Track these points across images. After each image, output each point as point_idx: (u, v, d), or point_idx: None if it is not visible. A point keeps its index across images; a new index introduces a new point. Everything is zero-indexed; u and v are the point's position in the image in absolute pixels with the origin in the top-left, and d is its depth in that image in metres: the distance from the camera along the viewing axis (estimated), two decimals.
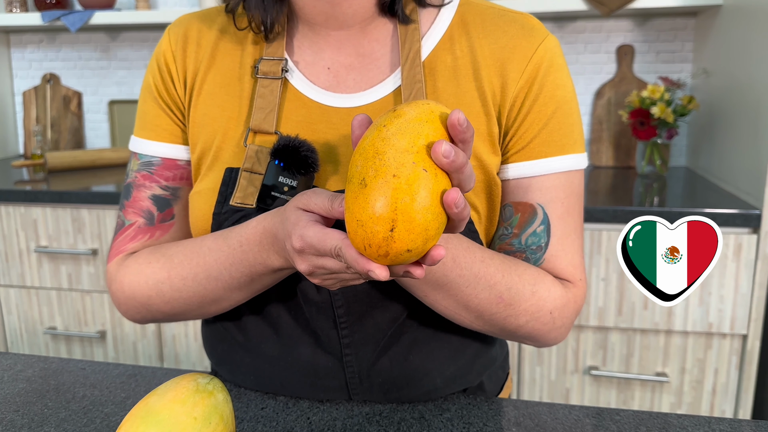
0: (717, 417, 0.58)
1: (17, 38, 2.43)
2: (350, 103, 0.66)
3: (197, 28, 0.70)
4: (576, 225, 0.68)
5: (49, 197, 1.76)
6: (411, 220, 0.42)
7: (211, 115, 0.68)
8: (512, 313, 0.63)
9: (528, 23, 0.67)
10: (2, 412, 0.64)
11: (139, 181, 0.70)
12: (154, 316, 0.69)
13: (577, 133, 0.67)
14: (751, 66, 1.54)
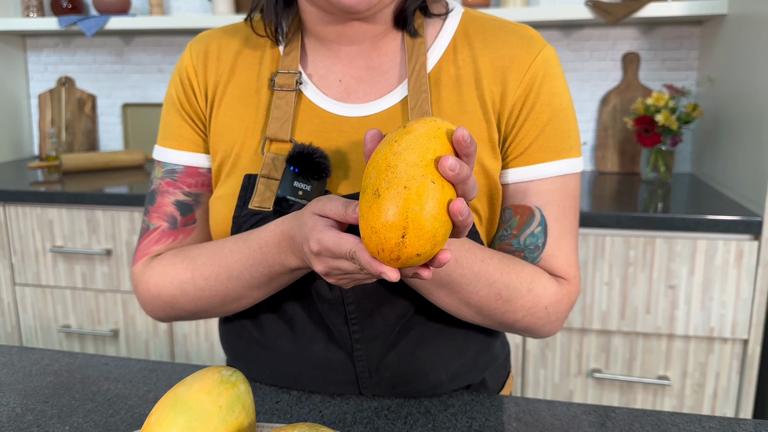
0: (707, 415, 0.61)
1: (33, 42, 2.48)
2: (360, 113, 0.69)
3: (217, 44, 0.74)
4: (571, 225, 0.71)
5: (64, 198, 1.80)
6: (420, 228, 0.45)
7: (230, 125, 0.71)
8: (510, 309, 0.67)
9: (527, 34, 0.70)
10: (33, 403, 0.68)
11: (163, 188, 0.74)
12: (179, 315, 0.73)
13: (573, 138, 0.70)
14: (754, 74, 1.57)
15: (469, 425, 0.63)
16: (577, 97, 2.13)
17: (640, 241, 1.53)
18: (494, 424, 0.63)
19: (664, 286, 1.54)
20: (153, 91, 2.41)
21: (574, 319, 1.59)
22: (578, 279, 0.72)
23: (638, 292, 1.55)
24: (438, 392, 0.73)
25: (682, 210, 1.54)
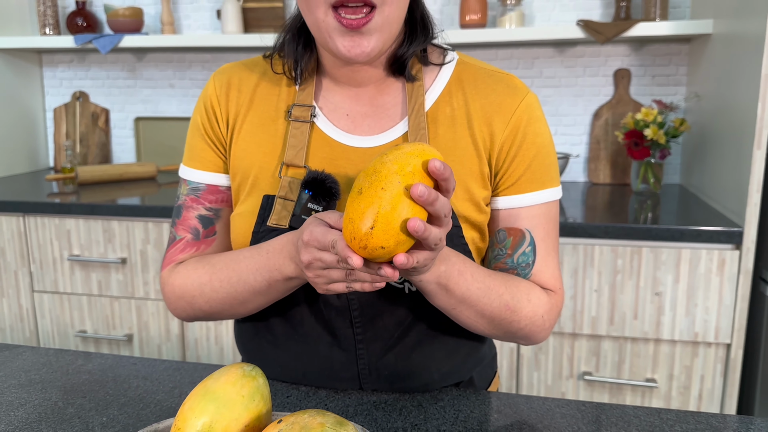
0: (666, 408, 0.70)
1: (49, 58, 2.58)
2: (366, 144, 0.79)
3: (239, 77, 0.84)
4: (554, 244, 0.81)
5: (81, 209, 1.90)
6: (387, 224, 0.55)
7: (249, 150, 0.81)
8: (516, 318, 0.77)
9: (512, 83, 0.81)
10: (72, 398, 0.77)
11: (188, 203, 0.84)
12: (197, 314, 0.82)
13: (553, 170, 0.80)
14: (737, 91, 1.65)
15: (456, 416, 0.72)
16: (570, 111, 2.22)
17: (628, 251, 1.61)
18: (477, 415, 0.72)
19: (650, 293, 1.62)
20: (164, 105, 2.51)
21: (566, 324, 1.68)
22: (562, 291, 0.82)
23: (626, 299, 1.64)
24: (430, 389, 0.82)
25: (669, 220, 1.62)
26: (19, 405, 0.75)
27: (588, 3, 2.14)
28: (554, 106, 2.22)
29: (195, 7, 2.39)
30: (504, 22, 2.04)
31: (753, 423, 0.70)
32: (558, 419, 0.72)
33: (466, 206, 0.78)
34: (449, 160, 0.78)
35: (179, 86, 2.48)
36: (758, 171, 1.54)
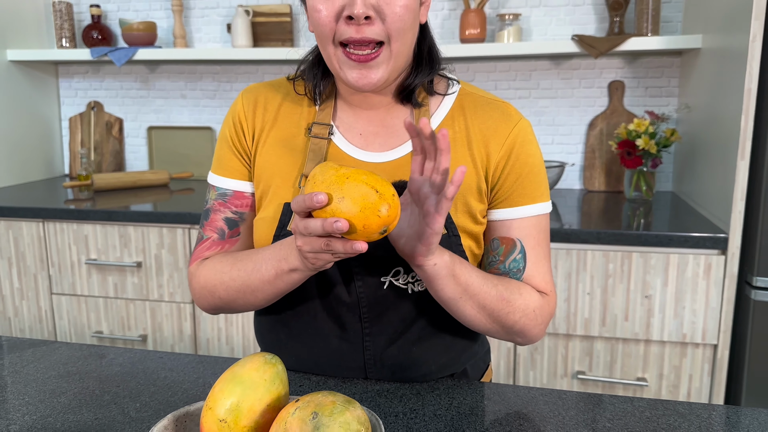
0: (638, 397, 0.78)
1: (65, 69, 2.68)
2: (377, 159, 0.88)
3: (265, 96, 0.93)
4: (545, 252, 0.90)
5: (98, 216, 1.99)
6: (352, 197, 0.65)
7: (271, 162, 0.90)
8: (511, 310, 0.85)
9: (507, 111, 0.90)
10: (108, 387, 0.86)
11: (216, 207, 0.93)
12: (216, 303, 0.90)
13: (543, 187, 0.89)
14: (722, 103, 1.74)
15: (450, 403, 0.80)
16: (566, 122, 2.30)
17: (619, 255, 1.70)
18: (469, 402, 0.80)
19: (640, 296, 1.70)
20: (176, 115, 2.60)
21: (560, 326, 1.76)
22: (554, 293, 0.91)
23: (617, 302, 1.72)
24: (427, 379, 0.90)
25: (658, 227, 1.71)
26: (60, 393, 0.84)
27: (583, 18, 2.23)
28: (551, 117, 2.31)
29: (206, 21, 2.48)
30: (502, 36, 2.13)
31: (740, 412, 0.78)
32: (541, 405, 0.80)
33: (465, 218, 0.87)
34: (450, 177, 0.86)
35: (190, 97, 2.57)
36: (742, 180, 1.62)
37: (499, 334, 0.87)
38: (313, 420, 0.56)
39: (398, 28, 0.79)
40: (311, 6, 0.81)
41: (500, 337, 0.88)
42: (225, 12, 2.46)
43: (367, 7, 0.76)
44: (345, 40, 0.79)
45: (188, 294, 1.98)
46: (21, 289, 2.12)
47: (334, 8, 0.78)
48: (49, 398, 0.83)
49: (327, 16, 0.79)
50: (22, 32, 2.49)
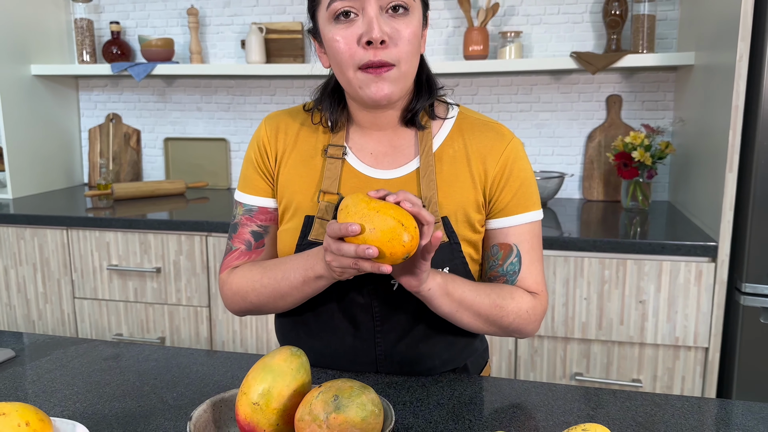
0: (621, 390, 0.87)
1: (85, 83, 2.80)
2: (386, 176, 0.98)
3: (285, 122, 1.03)
4: (538, 255, 1.00)
5: (120, 224, 2.10)
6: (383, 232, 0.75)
7: (292, 180, 1.00)
8: (504, 314, 0.95)
9: (501, 131, 1.00)
10: (146, 379, 0.96)
11: (243, 221, 1.04)
12: (247, 307, 1.01)
13: (535, 197, 0.99)
14: (713, 117, 1.83)
15: (452, 394, 0.90)
16: (566, 134, 2.40)
17: (614, 262, 1.79)
18: (469, 393, 0.90)
19: (635, 301, 1.80)
20: (192, 127, 2.71)
21: (559, 329, 1.85)
22: (546, 293, 1.01)
23: (613, 306, 1.81)
24: (432, 373, 1.00)
25: (652, 235, 1.80)
26: (104, 384, 0.94)
27: (582, 35, 2.33)
28: (551, 129, 2.41)
29: (221, 38, 2.60)
30: (504, 53, 2.24)
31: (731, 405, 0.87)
32: (533, 396, 0.90)
33: (465, 228, 0.97)
34: (451, 191, 0.97)
35: (206, 109, 2.68)
36: (730, 191, 1.71)
37: (497, 334, 0.97)
38: (335, 401, 0.66)
39: (407, 51, 0.90)
40: (330, 39, 0.91)
41: (499, 336, 0.98)
42: (239, 29, 2.57)
43: (383, 33, 0.88)
44: (364, 64, 0.89)
45: (204, 298, 2.09)
46: (45, 293, 2.23)
47: (353, 36, 0.89)
48: (94, 389, 0.93)
49: (346, 44, 0.89)
50: (45, 48, 2.60)
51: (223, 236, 2.03)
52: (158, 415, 0.84)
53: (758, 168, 1.72)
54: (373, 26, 0.87)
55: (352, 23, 0.89)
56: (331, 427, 0.65)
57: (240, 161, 2.69)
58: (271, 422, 0.70)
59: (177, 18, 2.63)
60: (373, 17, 0.87)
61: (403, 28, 0.90)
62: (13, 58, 2.45)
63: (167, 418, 0.84)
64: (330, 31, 0.91)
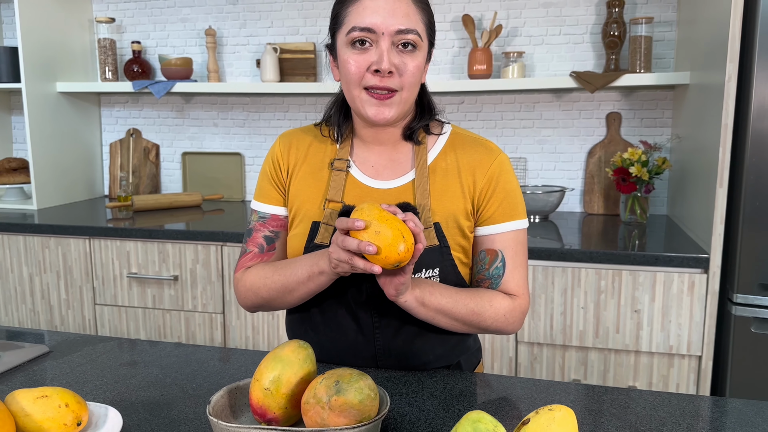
0: (598, 385, 0.95)
1: (107, 99, 2.93)
2: (385, 186, 1.09)
3: (297, 139, 1.15)
4: (521, 261, 1.09)
5: (140, 234, 2.21)
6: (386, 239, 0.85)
7: (302, 190, 1.11)
8: (482, 320, 1.04)
9: (489, 147, 1.10)
10: (168, 372, 1.05)
11: (257, 227, 1.14)
12: (259, 302, 1.11)
13: (520, 207, 1.09)
14: (705, 135, 1.91)
15: (444, 387, 0.99)
16: (567, 150, 2.49)
17: (610, 273, 1.87)
18: (460, 386, 0.99)
19: (630, 310, 1.87)
20: (209, 142, 2.83)
21: (557, 337, 1.93)
22: (527, 295, 1.10)
23: (609, 315, 1.89)
24: (427, 368, 1.09)
25: (647, 247, 1.88)
26: (130, 377, 1.04)
27: (583, 54, 2.42)
28: (553, 145, 2.50)
29: (237, 57, 2.72)
30: (507, 72, 2.33)
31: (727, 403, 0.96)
32: (518, 390, 0.98)
33: (455, 233, 1.07)
34: (443, 200, 1.06)
35: (222, 125, 2.80)
36: (721, 206, 1.79)
37: (478, 333, 1.06)
38: (336, 386, 0.75)
39: (410, 82, 1.02)
40: (344, 60, 1.02)
41: (479, 333, 1.06)
42: (255, 49, 2.70)
43: (391, 65, 0.99)
44: (370, 86, 1.01)
45: (219, 305, 2.19)
46: (67, 300, 2.34)
47: (365, 63, 1.00)
48: (122, 380, 1.02)
49: (357, 68, 1.01)
50: (70, 66, 2.74)
51: (236, 246, 2.14)
52: (179, 403, 0.94)
53: (747, 184, 1.80)
54: (383, 58, 0.99)
55: (366, 51, 1.00)
56: (333, 408, 0.74)
57: (254, 174, 2.81)
58: (281, 405, 0.79)
59: (195, 38, 2.76)
60: (385, 50, 0.99)
61: (409, 62, 1.01)
62: (41, 77, 2.59)
63: (188, 405, 0.93)
64: (345, 53, 1.02)
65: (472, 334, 1.17)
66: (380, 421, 0.77)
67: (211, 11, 2.73)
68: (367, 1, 1.00)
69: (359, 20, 1.00)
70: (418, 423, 0.88)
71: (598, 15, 2.38)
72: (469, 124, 2.56)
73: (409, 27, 1.00)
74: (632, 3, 2.35)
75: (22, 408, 0.80)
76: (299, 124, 2.71)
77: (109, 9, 2.85)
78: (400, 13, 0.99)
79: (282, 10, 2.65)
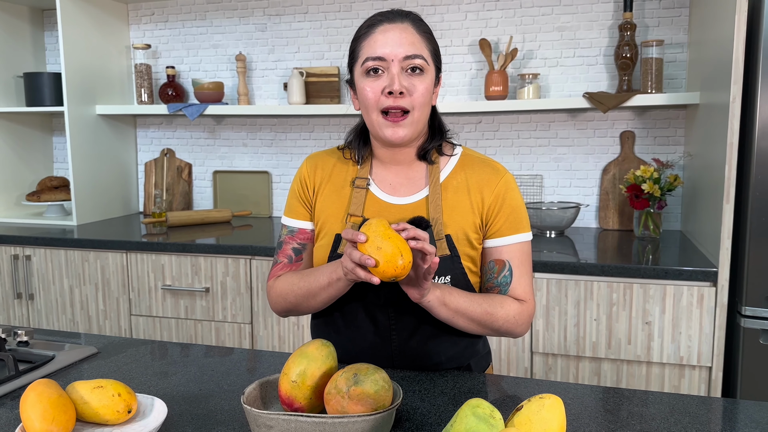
0: (595, 385, 1.03)
1: (142, 121, 3.10)
2: (401, 202, 1.20)
3: (322, 161, 1.27)
4: (527, 270, 1.19)
5: (174, 248, 2.34)
6: (387, 253, 0.95)
7: (326, 206, 1.23)
8: (494, 320, 1.14)
9: (496, 167, 1.21)
10: (204, 371, 1.16)
11: (287, 240, 1.26)
12: (287, 306, 1.21)
13: (525, 222, 1.19)
14: (714, 152, 1.99)
15: (454, 385, 1.08)
16: (582, 167, 2.57)
17: (621, 286, 1.94)
18: (468, 385, 1.08)
19: (641, 322, 1.94)
20: (238, 161, 2.98)
21: (571, 348, 2.00)
22: (533, 300, 1.20)
23: (621, 327, 1.96)
24: (439, 369, 1.19)
25: (659, 261, 1.95)
26: (171, 374, 1.15)
27: (597, 75, 2.51)
28: (569, 162, 2.58)
29: (265, 81, 2.87)
30: (523, 93, 2.43)
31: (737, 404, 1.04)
32: (522, 389, 1.07)
33: (464, 244, 1.17)
34: (454, 215, 1.17)
35: (251, 145, 2.95)
36: (728, 221, 1.86)
37: (490, 335, 1.16)
38: (354, 378, 0.85)
39: (420, 102, 1.14)
40: (361, 88, 1.15)
41: (493, 336, 1.15)
42: (282, 73, 2.84)
43: (401, 86, 1.11)
44: (385, 108, 1.12)
45: (248, 315, 2.30)
46: (105, 311, 2.48)
47: (379, 88, 1.13)
48: (164, 377, 1.14)
49: (373, 92, 1.13)
50: (108, 90, 2.91)
51: (264, 259, 2.26)
52: (216, 396, 1.05)
53: (754, 200, 1.87)
54: (394, 81, 1.11)
55: (379, 77, 1.13)
56: (351, 397, 0.84)
57: (280, 191, 2.94)
58: (306, 396, 0.90)
59: (226, 63, 2.91)
60: (395, 74, 1.11)
61: (418, 83, 1.13)
62: (81, 100, 2.76)
63: (223, 398, 1.04)
64: (362, 82, 1.15)
65: (482, 339, 1.27)
66: (394, 411, 0.86)
67: (242, 38, 2.88)
68: (377, 35, 1.13)
69: (371, 51, 1.12)
70: (429, 416, 0.97)
71: (610, 38, 2.48)
72: (486, 142, 2.66)
73: (415, 53, 1.12)
74: (644, 26, 2.44)
75: (81, 396, 0.91)
76: (324, 144, 2.84)
77: (146, 36, 3.02)
78: (406, 42, 1.12)
79: (308, 36, 2.79)
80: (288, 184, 2.93)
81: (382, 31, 1.13)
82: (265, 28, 2.85)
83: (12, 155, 3.01)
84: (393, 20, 1.14)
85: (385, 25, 1.13)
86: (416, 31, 1.14)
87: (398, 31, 1.13)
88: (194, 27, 2.95)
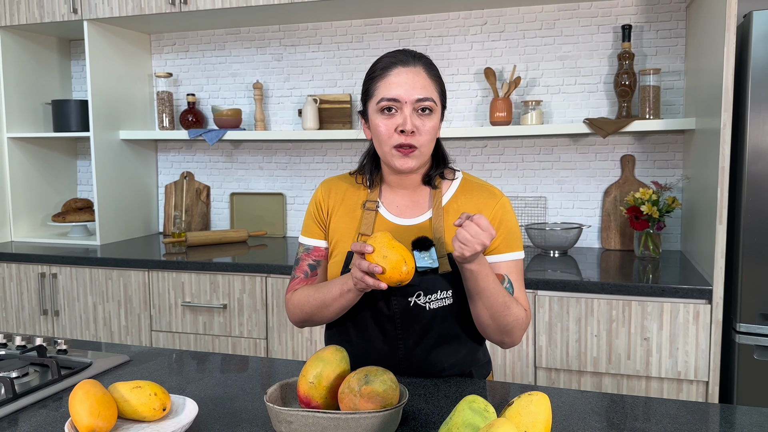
0: (589, 391, 1.13)
1: (163, 145, 3.24)
2: (407, 223, 1.31)
3: (336, 185, 1.38)
4: (521, 284, 1.30)
5: (193, 266, 2.46)
6: (392, 261, 1.07)
7: (339, 227, 1.34)
8: (508, 314, 1.23)
9: (493, 192, 1.32)
10: (228, 375, 1.27)
11: (303, 257, 1.37)
12: (303, 317, 1.32)
13: (519, 241, 1.30)
14: (708, 176, 2.08)
15: (456, 389, 1.18)
16: (584, 189, 2.68)
17: (620, 303, 2.03)
18: (470, 390, 1.18)
19: (640, 338, 2.03)
20: (254, 183, 3.11)
21: (573, 363, 2.09)
22: (529, 311, 1.29)
23: (620, 343, 2.05)
24: (442, 375, 1.29)
25: (655, 280, 2.04)
26: (198, 378, 1.26)
27: (597, 102, 2.63)
28: (571, 185, 2.69)
29: (281, 107, 3.01)
30: (526, 119, 2.55)
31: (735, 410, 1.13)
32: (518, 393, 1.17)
33: None
34: None
35: (266, 168, 3.08)
36: (721, 241, 1.95)
37: (492, 329, 1.24)
38: (365, 378, 0.96)
39: (427, 139, 1.26)
40: (375, 123, 1.26)
41: (493, 335, 1.25)
42: (297, 100, 2.98)
43: (413, 126, 1.23)
44: (397, 144, 1.24)
45: (263, 331, 2.41)
46: (127, 326, 2.59)
47: (392, 125, 1.24)
48: (192, 381, 1.25)
49: (386, 129, 1.25)
50: (131, 116, 3.06)
51: (279, 277, 2.37)
52: (240, 398, 1.16)
53: (746, 220, 1.96)
54: (407, 121, 1.23)
55: (393, 116, 1.24)
56: (362, 395, 0.94)
57: (295, 213, 3.06)
58: (322, 395, 1.00)
59: (244, 90, 3.06)
60: (408, 115, 1.23)
61: (427, 122, 1.25)
62: (107, 126, 2.90)
63: (247, 400, 1.15)
64: (376, 118, 1.26)
65: (482, 348, 1.37)
66: (401, 408, 0.97)
67: (259, 66, 3.03)
68: (392, 77, 1.24)
69: (386, 92, 1.24)
70: (432, 415, 1.07)
71: (610, 66, 2.59)
72: (492, 165, 2.78)
73: (426, 96, 1.24)
74: (642, 55, 2.56)
75: (122, 395, 1.02)
76: (336, 166, 2.97)
77: (167, 65, 3.18)
78: (418, 85, 1.24)
79: (321, 65, 2.93)
80: (302, 205, 3.05)
81: (397, 73, 1.24)
82: (281, 57, 3.00)
83: (39, 178, 3.15)
84: (407, 64, 1.25)
85: (399, 68, 1.25)
86: (427, 75, 1.26)
87: (412, 74, 1.24)
88: (214, 56, 3.10)
